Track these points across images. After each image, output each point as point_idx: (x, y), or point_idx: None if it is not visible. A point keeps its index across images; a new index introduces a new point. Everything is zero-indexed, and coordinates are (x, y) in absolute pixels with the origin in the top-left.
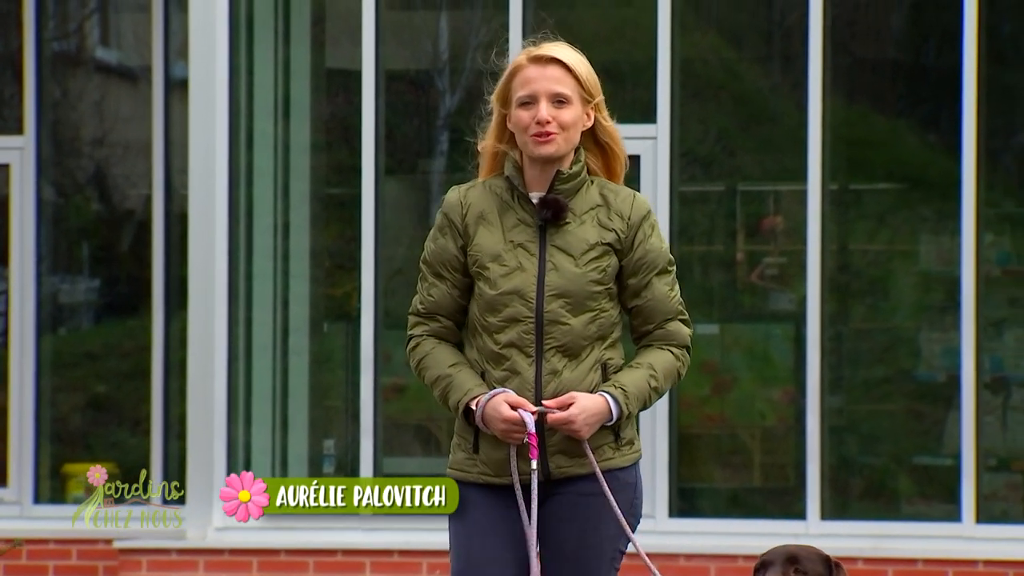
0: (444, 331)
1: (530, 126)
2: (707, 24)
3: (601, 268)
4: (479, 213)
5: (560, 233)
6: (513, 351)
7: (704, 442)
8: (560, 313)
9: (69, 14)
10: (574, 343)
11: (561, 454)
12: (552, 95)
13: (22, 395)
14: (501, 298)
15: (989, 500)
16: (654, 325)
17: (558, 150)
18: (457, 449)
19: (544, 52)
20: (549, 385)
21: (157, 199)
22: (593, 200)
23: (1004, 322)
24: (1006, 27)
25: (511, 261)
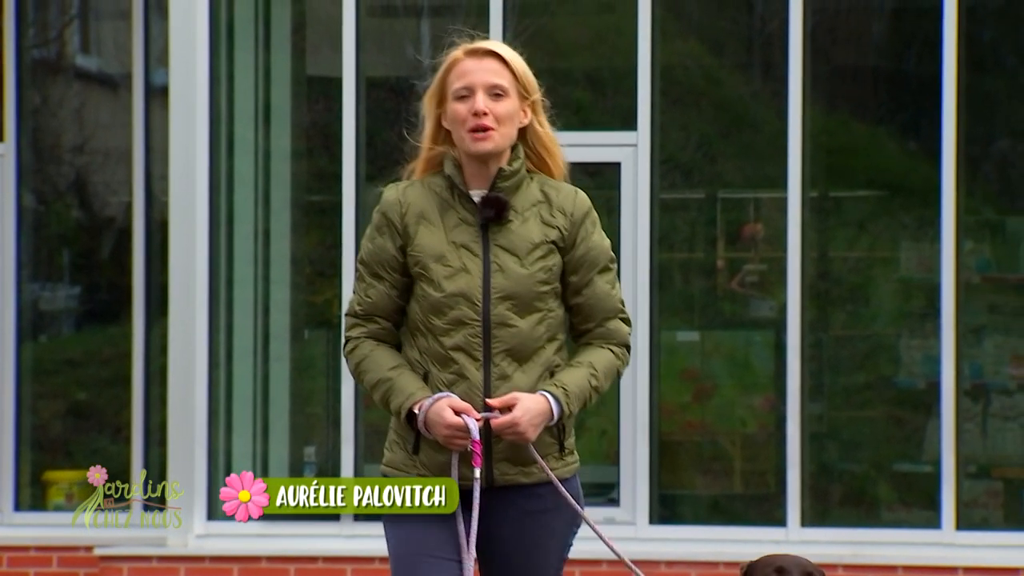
0: (382, 332)
1: (467, 119)
2: (688, 31)
3: (547, 267)
4: (419, 212)
5: (503, 232)
6: (460, 355)
7: (685, 449)
8: (507, 316)
9: (49, 21)
10: (523, 346)
11: (506, 461)
12: (489, 86)
13: (2, 402)
14: (446, 300)
15: (969, 507)
16: (595, 323)
17: (496, 146)
18: (395, 448)
19: (480, 45)
20: (499, 390)
21: (138, 206)
22: (534, 196)
23: (984, 329)
24: (985, 35)
25: (455, 262)
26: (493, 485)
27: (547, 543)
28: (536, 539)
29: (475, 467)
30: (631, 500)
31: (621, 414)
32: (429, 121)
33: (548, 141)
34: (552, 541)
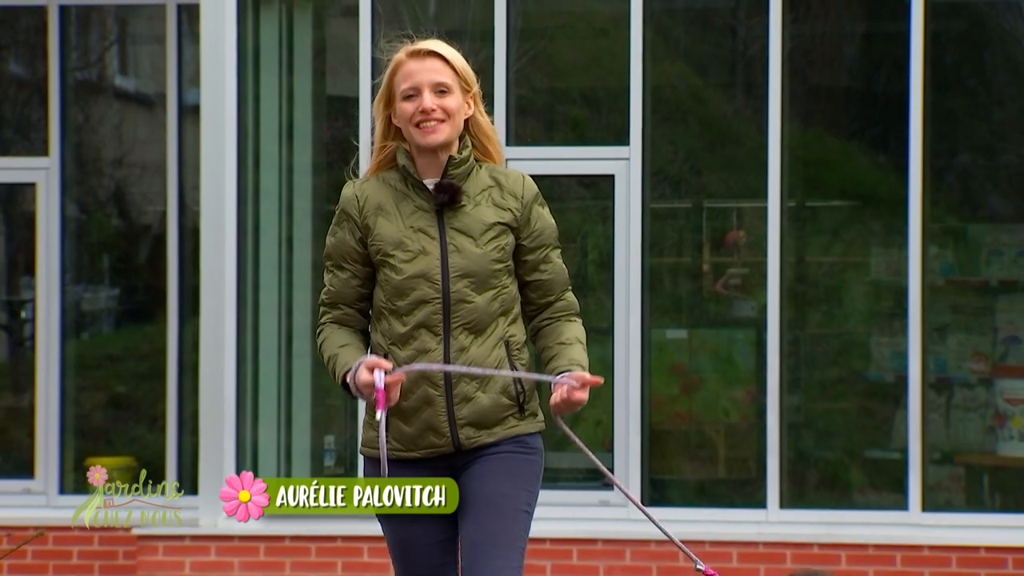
0: (346, 318)
1: (415, 115)
2: (676, 54)
3: (500, 247)
4: (376, 204)
5: (458, 216)
6: (422, 331)
7: (673, 437)
8: (465, 292)
9: (90, 45)
10: (480, 320)
11: (470, 426)
12: (434, 84)
13: (48, 394)
14: (408, 282)
15: (934, 490)
16: (555, 296)
17: (447, 137)
18: (368, 428)
19: (422, 47)
20: (458, 361)
21: (172, 215)
22: (484, 182)
23: (947, 327)
24: (948, 58)
25: (414, 246)
26: (461, 449)
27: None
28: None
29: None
30: (624, 484)
31: (615, 405)
32: (380, 121)
33: (488, 129)
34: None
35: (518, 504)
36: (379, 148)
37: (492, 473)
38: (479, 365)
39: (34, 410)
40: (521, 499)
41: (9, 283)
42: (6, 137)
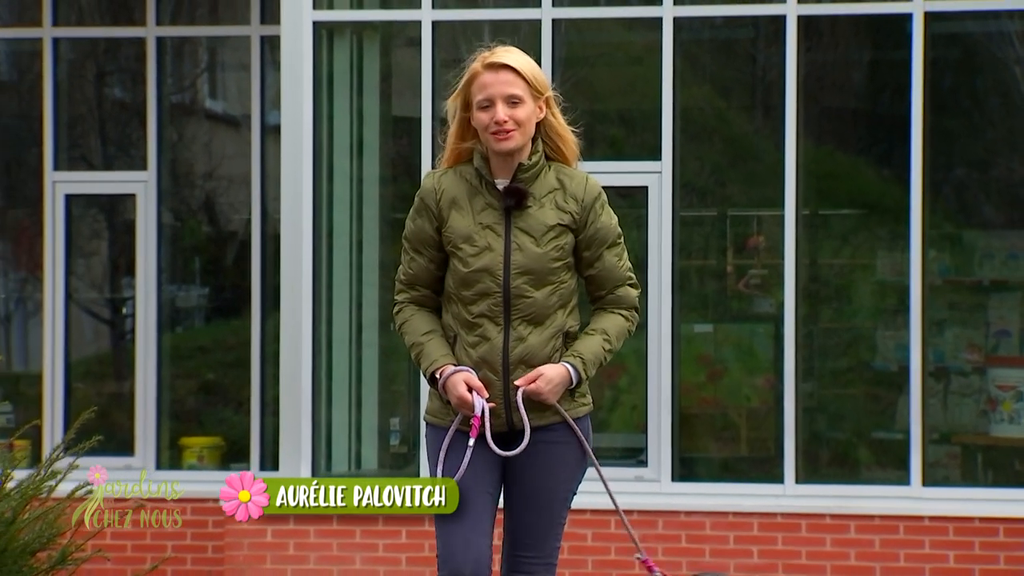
0: (423, 298)
1: (490, 125)
2: (702, 79)
3: (559, 247)
4: (452, 198)
5: (523, 216)
6: (484, 320)
7: (700, 420)
8: (524, 288)
9: (184, 72)
10: (538, 313)
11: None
12: (506, 97)
13: (146, 381)
14: (473, 275)
15: (933, 467)
16: (606, 291)
17: (517, 144)
18: (433, 398)
19: (496, 59)
20: (516, 349)
21: (255, 222)
22: (551, 184)
23: (945, 322)
24: (946, 83)
25: (481, 241)
26: (514, 429)
27: (558, 470)
28: (548, 464)
29: (471, 436)
30: (656, 462)
31: (648, 392)
32: (455, 121)
33: (561, 130)
34: (563, 469)
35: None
36: (455, 145)
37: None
38: (536, 355)
39: (134, 395)
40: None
41: (112, 283)
42: (109, 153)
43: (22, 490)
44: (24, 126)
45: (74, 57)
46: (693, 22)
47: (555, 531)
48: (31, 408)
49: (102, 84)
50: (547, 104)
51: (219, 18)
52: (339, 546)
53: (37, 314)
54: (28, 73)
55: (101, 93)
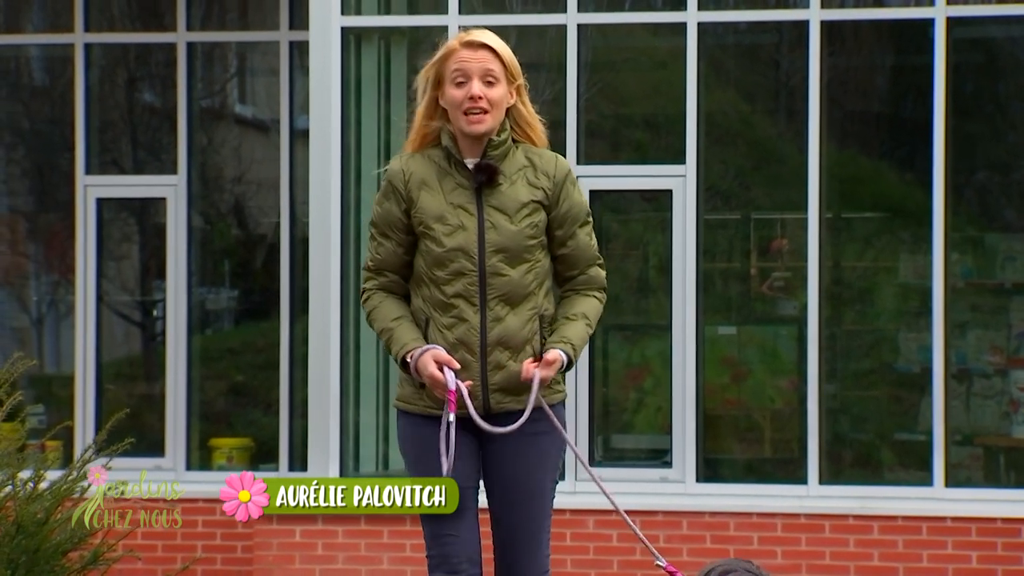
0: (391, 284)
1: (463, 102)
2: (726, 84)
3: (534, 224)
4: (420, 179)
5: (495, 194)
6: (460, 301)
7: (725, 421)
8: (500, 266)
9: (214, 77)
10: (514, 292)
11: (500, 391)
12: (483, 73)
13: (176, 383)
14: (447, 254)
15: (956, 468)
16: (578, 271)
17: (489, 128)
18: (405, 384)
19: (475, 38)
20: (493, 330)
21: (284, 226)
22: (520, 162)
23: (967, 324)
24: (967, 88)
25: (453, 220)
26: (490, 412)
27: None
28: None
29: (450, 412)
30: (681, 463)
31: (673, 393)
32: (425, 99)
33: (530, 118)
34: (542, 455)
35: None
36: (422, 125)
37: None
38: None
39: (164, 397)
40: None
41: (143, 285)
42: (140, 158)
43: (54, 491)
44: (56, 131)
45: (105, 63)
46: (717, 27)
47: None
48: (63, 409)
49: (133, 89)
50: (518, 91)
51: (248, 23)
52: (367, 546)
53: (69, 316)
54: (60, 78)
55: (132, 98)
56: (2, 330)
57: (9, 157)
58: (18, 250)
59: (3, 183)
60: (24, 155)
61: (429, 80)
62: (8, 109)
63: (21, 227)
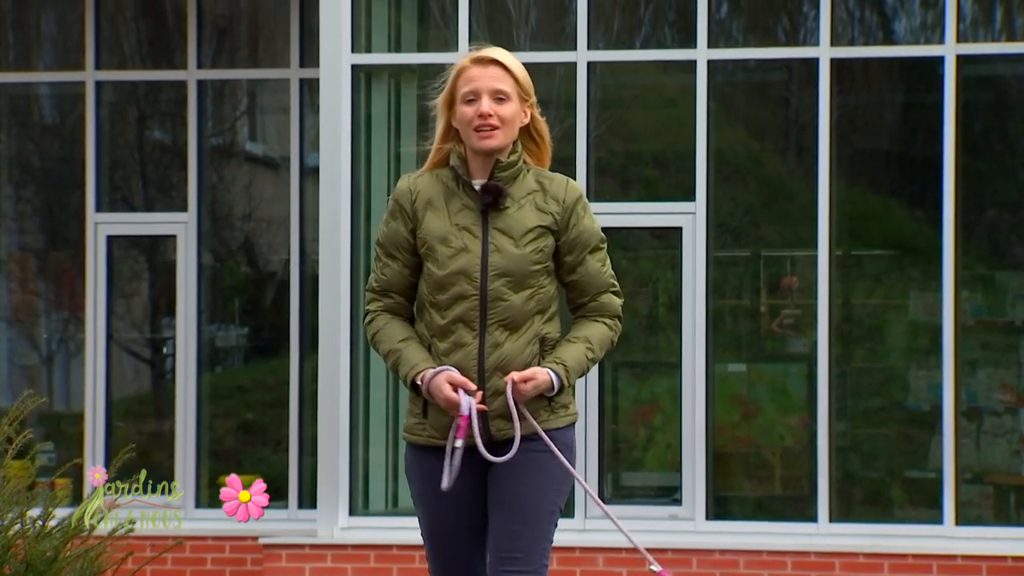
0: (396, 306)
1: (473, 119)
2: (736, 121)
3: (539, 249)
4: (427, 199)
5: (501, 217)
6: (459, 325)
7: (735, 458)
8: (502, 291)
9: (224, 115)
10: (515, 318)
11: (501, 418)
12: (493, 91)
13: (186, 420)
14: (448, 278)
15: (966, 507)
16: (588, 297)
17: (500, 144)
18: (409, 415)
19: (485, 54)
20: (491, 356)
21: (294, 263)
22: (530, 186)
23: (977, 362)
24: (977, 125)
25: (457, 242)
26: (492, 440)
27: (540, 476)
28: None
29: (458, 438)
30: (691, 500)
31: (683, 430)
32: (441, 122)
33: (543, 131)
34: (545, 475)
35: (543, 506)
36: (437, 149)
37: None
38: (512, 361)
39: (174, 434)
40: (547, 500)
41: (152, 323)
42: (150, 195)
43: (63, 528)
44: (67, 168)
45: (116, 100)
46: (727, 65)
47: (542, 545)
48: (72, 447)
49: (144, 127)
50: (532, 108)
51: (259, 61)
52: None
53: (79, 354)
54: (71, 116)
55: (143, 135)
56: (12, 367)
57: (20, 195)
58: (28, 287)
59: (14, 220)
60: (35, 192)
61: (443, 104)
62: (19, 147)
63: (31, 264)
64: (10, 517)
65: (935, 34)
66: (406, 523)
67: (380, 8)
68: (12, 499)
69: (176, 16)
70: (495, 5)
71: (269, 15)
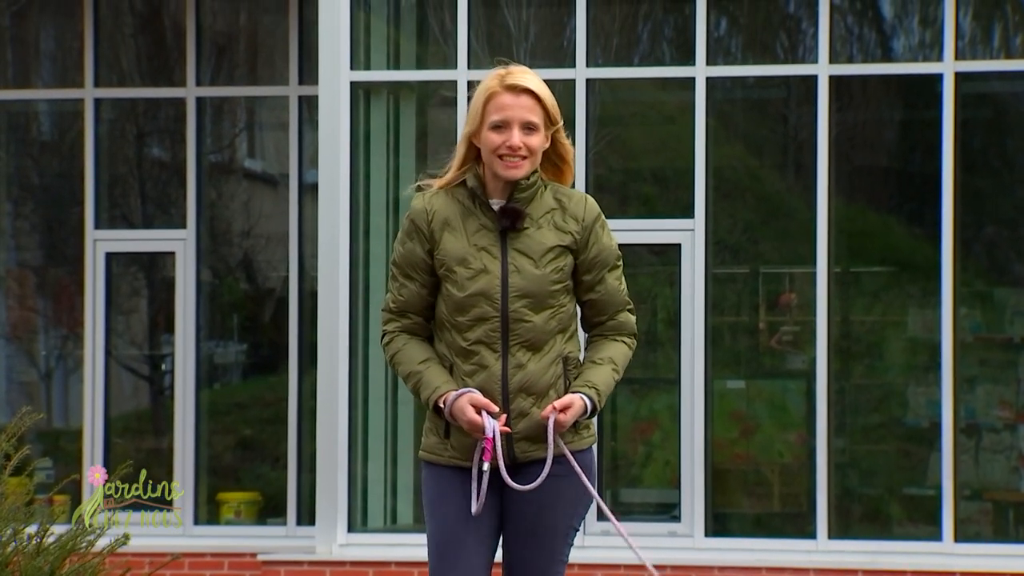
0: (415, 327)
1: (500, 148)
2: (735, 138)
3: (559, 268)
4: (444, 219)
5: (520, 237)
6: (481, 347)
7: (734, 475)
8: (523, 312)
9: (223, 132)
10: (537, 338)
11: (525, 440)
12: (524, 122)
13: (184, 437)
14: (469, 299)
15: (965, 523)
16: (607, 316)
17: (525, 173)
18: (430, 434)
19: (518, 82)
20: (515, 377)
21: (292, 280)
22: (548, 204)
23: (976, 379)
24: (975, 142)
25: (476, 264)
26: (516, 462)
27: (557, 503)
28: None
29: (484, 460)
30: (690, 517)
31: (682, 447)
32: (463, 146)
33: (566, 154)
34: (563, 503)
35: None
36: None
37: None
38: (536, 382)
39: (172, 450)
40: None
41: (151, 340)
42: (149, 212)
43: (61, 545)
44: (65, 185)
45: (115, 117)
46: (725, 82)
47: (556, 568)
48: (71, 464)
49: (142, 144)
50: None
51: (258, 78)
52: None
53: (77, 371)
54: (70, 133)
55: (141, 153)
56: (10, 384)
57: (19, 212)
58: (27, 304)
59: (13, 237)
60: (33, 209)
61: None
62: (18, 164)
63: (30, 281)
64: (7, 534)
65: (933, 51)
66: (405, 540)
67: (379, 25)
68: (10, 516)
69: (175, 33)
70: (494, 22)
71: (268, 32)
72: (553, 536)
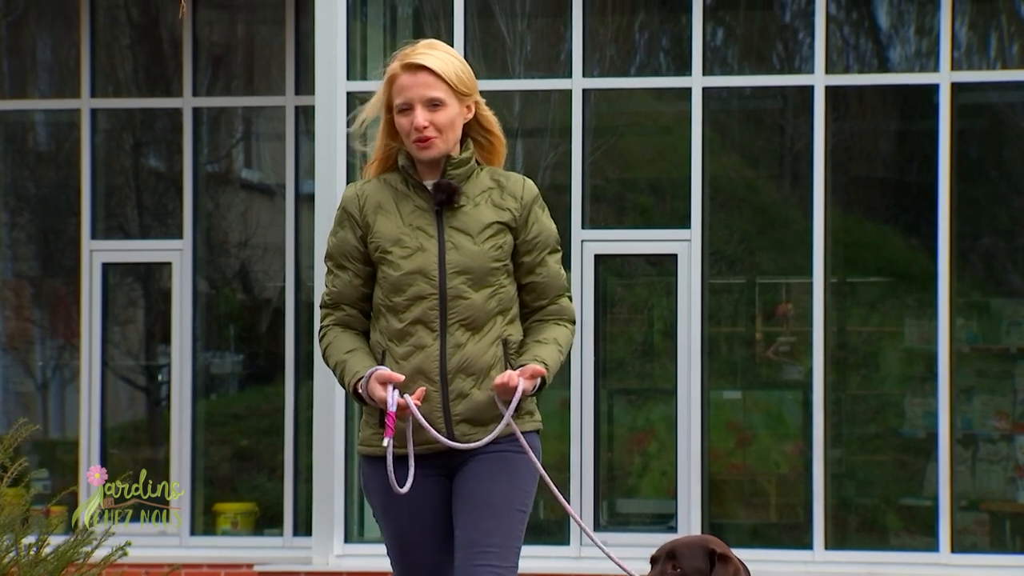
0: (349, 319)
1: (410, 132)
2: (731, 149)
3: (498, 245)
4: (376, 203)
5: (456, 215)
6: (419, 327)
7: (730, 486)
8: (462, 289)
9: (219, 142)
10: (476, 317)
11: (465, 423)
12: (426, 100)
13: (181, 447)
14: (405, 278)
15: (961, 534)
16: (548, 300)
17: (440, 152)
18: (365, 427)
19: (414, 59)
20: (453, 357)
21: (289, 290)
22: (485, 184)
23: (972, 389)
24: (972, 153)
25: (412, 243)
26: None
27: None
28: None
29: (385, 437)
30: (686, 527)
31: (678, 457)
32: (382, 122)
33: (490, 125)
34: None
35: (513, 503)
36: (384, 146)
37: (487, 472)
38: (475, 362)
39: (169, 461)
40: (516, 498)
41: (148, 350)
42: (145, 222)
43: (58, 555)
44: (62, 196)
45: (111, 127)
46: (722, 92)
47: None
48: (68, 475)
49: (139, 154)
50: (476, 103)
51: (254, 88)
52: None
53: (74, 381)
54: (66, 143)
55: (138, 163)
56: (7, 395)
57: (15, 222)
58: (23, 315)
59: (9, 248)
60: (30, 220)
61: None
62: (14, 174)
63: (26, 292)
64: (5, 544)
65: (930, 62)
66: None
67: (375, 35)
68: (7, 526)
69: (171, 44)
70: (490, 32)
71: (264, 43)
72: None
